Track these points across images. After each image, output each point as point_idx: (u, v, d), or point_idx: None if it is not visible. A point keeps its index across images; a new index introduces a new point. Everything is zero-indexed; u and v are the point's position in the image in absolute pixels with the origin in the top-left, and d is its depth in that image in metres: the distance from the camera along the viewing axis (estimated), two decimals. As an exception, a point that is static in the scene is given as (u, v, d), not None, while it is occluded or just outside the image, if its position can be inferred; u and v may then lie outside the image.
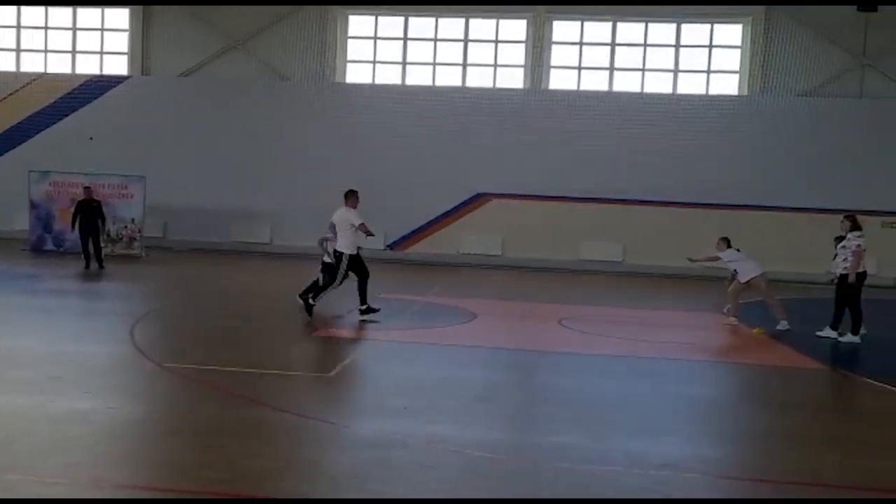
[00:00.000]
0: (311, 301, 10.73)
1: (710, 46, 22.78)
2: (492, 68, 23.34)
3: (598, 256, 21.93)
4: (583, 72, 23.12)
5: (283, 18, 23.27)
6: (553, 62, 23.03)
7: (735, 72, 22.66)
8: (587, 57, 23.11)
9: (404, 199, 22.56)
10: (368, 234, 10.88)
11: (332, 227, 11.05)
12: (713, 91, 22.73)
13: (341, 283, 10.91)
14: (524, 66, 23.01)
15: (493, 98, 22.75)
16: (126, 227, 19.83)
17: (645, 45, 22.88)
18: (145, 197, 20.10)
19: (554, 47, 23.02)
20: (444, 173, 22.47)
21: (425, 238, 22.96)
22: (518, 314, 12.96)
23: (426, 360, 8.76)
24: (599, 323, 11.81)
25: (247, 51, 23.57)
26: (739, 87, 22.55)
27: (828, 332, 11.32)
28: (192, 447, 5.29)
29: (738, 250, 12.42)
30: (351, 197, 10.98)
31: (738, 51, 22.63)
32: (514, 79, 23.23)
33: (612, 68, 22.97)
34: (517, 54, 23.18)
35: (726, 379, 8.91)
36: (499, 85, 23.23)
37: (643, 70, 22.86)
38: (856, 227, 11.37)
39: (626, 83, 22.89)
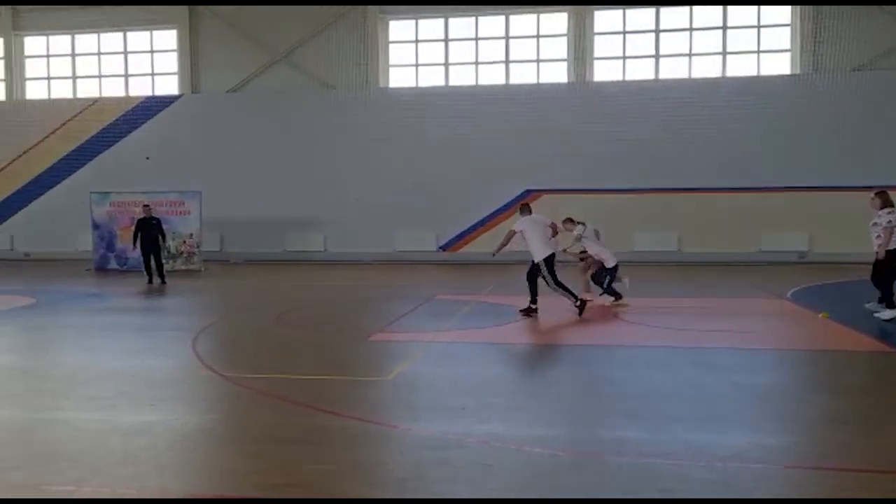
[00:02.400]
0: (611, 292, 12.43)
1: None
2: (534, 64, 23.24)
3: (656, 247, 21.64)
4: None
5: (325, 29, 23.52)
6: (596, 54, 22.82)
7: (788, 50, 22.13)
8: (631, 46, 22.84)
9: (456, 200, 22.59)
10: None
11: (515, 234, 11.97)
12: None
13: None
14: (566, 60, 22.84)
15: (536, 93, 22.62)
16: (185, 242, 20.23)
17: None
18: (202, 212, 20.52)
19: (596, 38, 22.80)
20: (494, 172, 22.42)
21: (478, 238, 22.92)
22: (566, 308, 12.82)
23: (480, 359, 8.74)
24: (656, 314, 11.61)
25: (290, 63, 23.90)
26: (793, 66, 21.98)
27: (874, 307, 11.17)
28: (253, 455, 5.35)
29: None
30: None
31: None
32: (557, 74, 23.07)
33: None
34: (559, 48, 23.02)
35: (784, 365, 8.66)
36: (541, 80, 23.12)
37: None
38: (887, 203, 10.99)
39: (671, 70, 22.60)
